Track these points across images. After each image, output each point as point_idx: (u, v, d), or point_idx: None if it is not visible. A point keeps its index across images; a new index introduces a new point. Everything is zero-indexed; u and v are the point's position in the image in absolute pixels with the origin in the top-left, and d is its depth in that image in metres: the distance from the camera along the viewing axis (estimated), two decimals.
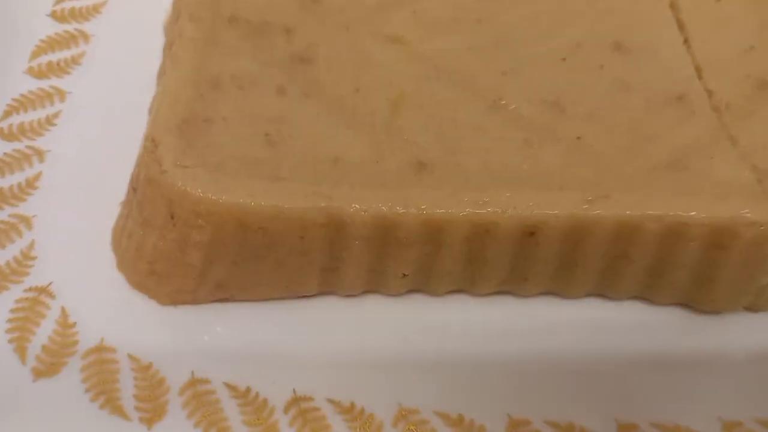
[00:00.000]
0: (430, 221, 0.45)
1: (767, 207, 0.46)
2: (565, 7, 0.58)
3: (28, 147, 0.57)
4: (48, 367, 0.46)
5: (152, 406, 0.45)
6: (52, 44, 0.63)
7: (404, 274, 0.48)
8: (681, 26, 0.58)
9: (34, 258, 0.51)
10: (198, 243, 0.46)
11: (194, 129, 0.48)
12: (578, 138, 0.50)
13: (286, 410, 0.46)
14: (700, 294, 0.49)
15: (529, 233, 0.46)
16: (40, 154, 0.57)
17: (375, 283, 0.49)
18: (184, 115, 0.49)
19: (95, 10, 0.65)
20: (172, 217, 0.46)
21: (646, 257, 0.46)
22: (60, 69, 0.62)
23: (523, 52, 0.55)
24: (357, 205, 0.45)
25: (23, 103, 0.60)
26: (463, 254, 0.47)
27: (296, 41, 0.55)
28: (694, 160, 0.49)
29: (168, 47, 0.56)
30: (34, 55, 0.62)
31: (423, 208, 0.45)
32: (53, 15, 0.65)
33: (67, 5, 0.65)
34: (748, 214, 0.45)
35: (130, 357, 0.47)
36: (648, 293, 0.50)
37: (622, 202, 0.46)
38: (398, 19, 0.57)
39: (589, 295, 0.51)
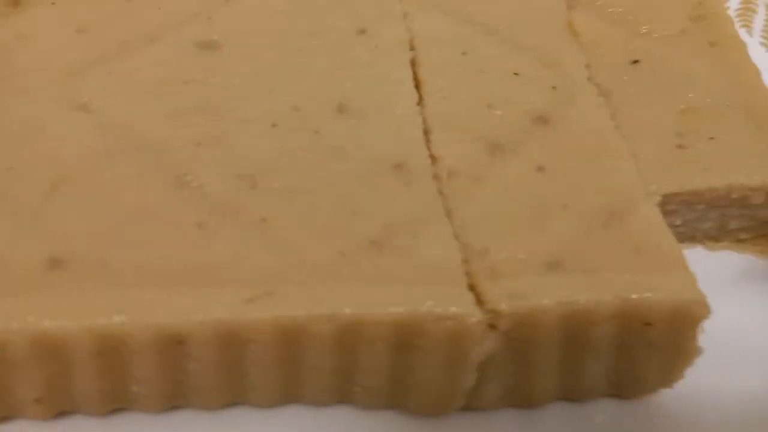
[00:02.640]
0: (44, 338, 0.36)
1: (463, 296, 0.39)
2: (289, 65, 0.51)
3: None
4: None
5: None
6: None
7: (36, 398, 0.39)
8: (419, 84, 0.51)
9: None
10: None
11: None
12: (263, 220, 0.42)
13: None
14: (407, 398, 0.41)
15: (176, 342, 0.38)
16: None
17: (11, 409, 0.41)
18: None
19: None
20: None
21: (326, 362, 0.39)
22: None
23: (230, 118, 0.48)
24: None
25: None
26: (98, 371, 0.38)
27: None
28: (398, 240, 0.41)
29: None
30: None
31: (40, 322, 0.36)
32: None
33: None
34: (435, 308, 0.38)
35: None
36: (350, 400, 0.42)
37: (289, 299, 0.38)
38: (91, 82, 0.49)
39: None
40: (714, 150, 0.48)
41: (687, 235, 0.51)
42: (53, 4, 0.53)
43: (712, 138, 0.48)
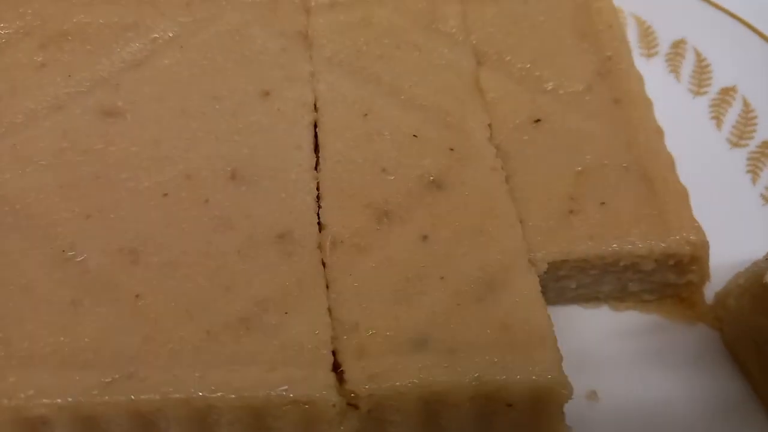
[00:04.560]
0: None
1: (324, 377, 0.39)
2: (190, 132, 0.51)
3: None
4: None
5: None
6: None
7: None
8: (319, 148, 0.52)
9: None
10: None
11: None
12: (137, 296, 0.43)
13: None
14: None
15: (41, 424, 0.38)
16: None
17: None
18: None
19: None
20: None
21: None
22: None
23: (122, 188, 0.48)
24: None
25: None
26: None
27: None
28: (268, 317, 0.42)
29: None
30: None
31: None
32: None
33: None
34: (290, 392, 0.38)
35: None
36: None
37: (146, 383, 0.38)
38: None
39: None
40: (604, 215, 0.47)
41: (589, 296, 0.50)
42: None
43: (603, 203, 0.47)
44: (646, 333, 0.50)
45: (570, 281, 0.48)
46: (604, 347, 0.48)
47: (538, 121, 0.52)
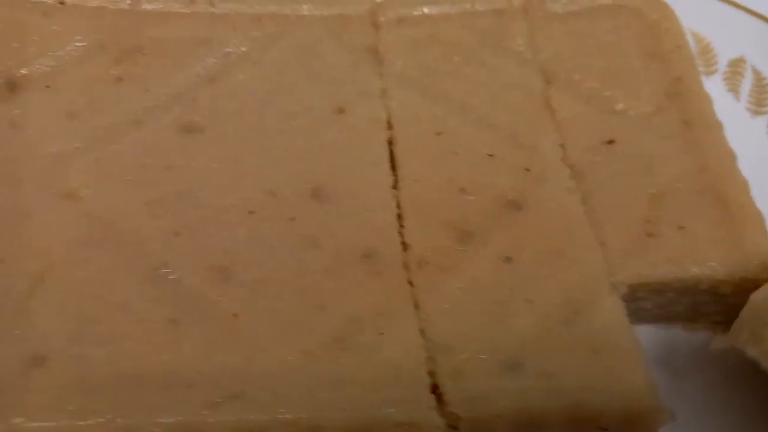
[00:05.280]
0: None
1: (424, 399, 0.40)
2: (269, 149, 0.52)
3: None
4: None
5: None
6: None
7: None
8: (395, 166, 0.53)
9: None
10: None
11: None
12: (234, 315, 0.44)
13: None
14: None
15: None
16: None
17: None
18: None
19: None
20: None
21: None
22: None
23: (208, 205, 0.49)
24: None
25: None
26: None
27: None
28: (363, 337, 0.43)
29: None
30: None
31: (17, 422, 0.38)
32: None
33: None
34: (396, 415, 0.39)
35: None
36: None
37: (252, 404, 0.39)
38: (79, 168, 0.50)
39: None
40: (682, 239, 0.48)
41: (662, 317, 0.51)
42: (48, 87, 0.54)
43: (681, 227, 0.48)
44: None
45: (645, 302, 0.49)
46: (678, 367, 0.50)
47: (611, 142, 0.53)
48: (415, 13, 0.61)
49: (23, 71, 0.55)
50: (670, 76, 0.57)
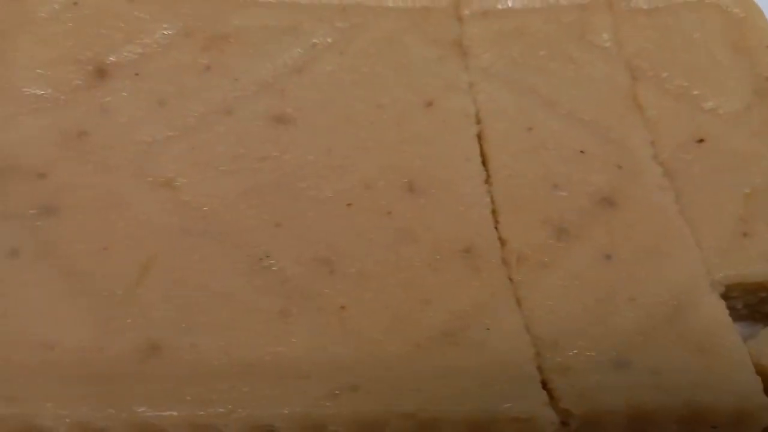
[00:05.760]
0: (144, 426, 0.39)
1: (536, 394, 0.40)
2: (360, 141, 0.52)
3: None
4: None
5: None
6: None
7: None
8: (486, 160, 0.53)
9: None
10: None
11: None
12: (342, 307, 0.44)
13: None
14: None
15: None
16: None
17: None
18: None
19: None
20: None
21: None
22: None
23: (305, 197, 0.49)
24: (60, 410, 0.39)
25: None
26: None
27: (45, 186, 0.48)
28: (470, 331, 0.43)
29: None
30: None
31: (140, 411, 0.39)
32: None
33: None
34: (513, 410, 0.40)
35: None
36: None
37: (372, 395, 0.40)
38: (173, 156, 0.51)
39: None
40: None
41: (747, 316, 0.51)
42: (137, 75, 0.54)
43: None
44: None
45: (737, 302, 0.49)
46: None
47: (701, 141, 0.54)
48: (499, 6, 0.61)
49: (112, 58, 0.55)
50: (756, 73, 0.57)
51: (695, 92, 0.56)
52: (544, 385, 0.42)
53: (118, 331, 0.42)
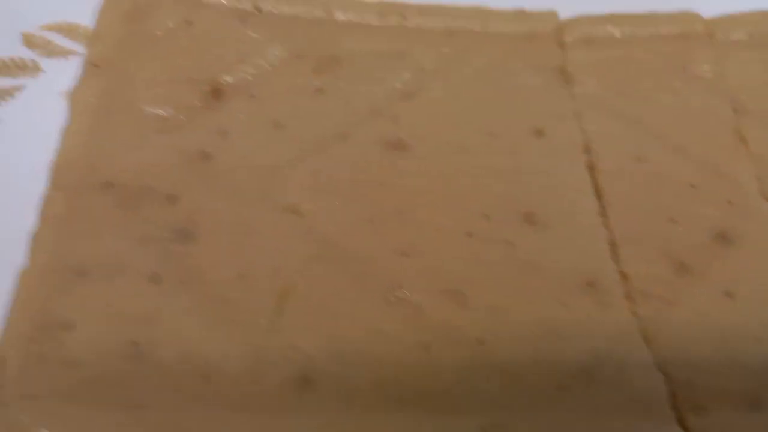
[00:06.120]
0: None
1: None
2: (475, 169, 0.53)
3: None
4: None
5: None
6: None
7: None
8: (598, 193, 0.54)
9: None
10: None
11: (49, 339, 0.42)
12: (481, 342, 0.45)
13: None
14: None
15: None
16: None
17: None
18: (39, 318, 0.43)
19: None
20: None
21: None
22: None
23: (427, 225, 0.50)
24: None
25: None
26: None
27: (179, 211, 0.49)
28: (605, 369, 0.44)
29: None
30: None
31: None
32: None
33: None
34: None
35: None
36: None
37: (520, 430, 0.42)
38: (295, 182, 0.52)
39: None
40: None
41: None
42: (252, 97, 0.55)
43: None
44: None
45: None
46: None
47: None
48: (601, 33, 0.62)
49: (227, 79, 0.56)
50: None
51: None
52: (680, 422, 0.43)
53: (269, 362, 0.43)
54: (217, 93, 0.56)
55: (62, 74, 0.59)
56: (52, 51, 0.60)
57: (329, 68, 0.58)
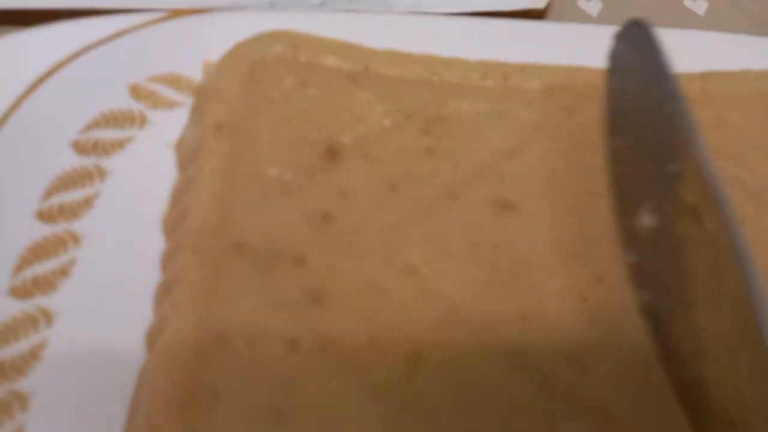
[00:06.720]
0: None
1: None
2: (584, 230, 0.55)
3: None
4: None
5: None
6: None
7: None
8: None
9: None
10: None
11: (198, 408, 0.45)
12: (605, 410, 0.48)
13: None
14: None
15: None
16: (47, 317, 0.51)
17: None
18: (187, 387, 0.45)
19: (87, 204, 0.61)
20: None
21: None
22: None
23: (543, 289, 0.53)
24: None
25: None
26: None
27: (308, 273, 0.52)
28: None
29: (164, 287, 0.52)
30: None
31: None
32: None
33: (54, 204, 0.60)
34: None
35: None
36: None
37: None
38: (413, 242, 0.54)
39: None
40: None
41: None
42: (365, 156, 0.57)
43: None
44: None
45: None
46: None
47: None
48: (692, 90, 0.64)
49: (341, 139, 0.58)
50: None
51: None
52: None
53: (406, 429, 0.46)
54: (332, 153, 0.58)
55: (168, 126, 0.62)
56: (157, 102, 0.63)
57: (437, 128, 0.60)
